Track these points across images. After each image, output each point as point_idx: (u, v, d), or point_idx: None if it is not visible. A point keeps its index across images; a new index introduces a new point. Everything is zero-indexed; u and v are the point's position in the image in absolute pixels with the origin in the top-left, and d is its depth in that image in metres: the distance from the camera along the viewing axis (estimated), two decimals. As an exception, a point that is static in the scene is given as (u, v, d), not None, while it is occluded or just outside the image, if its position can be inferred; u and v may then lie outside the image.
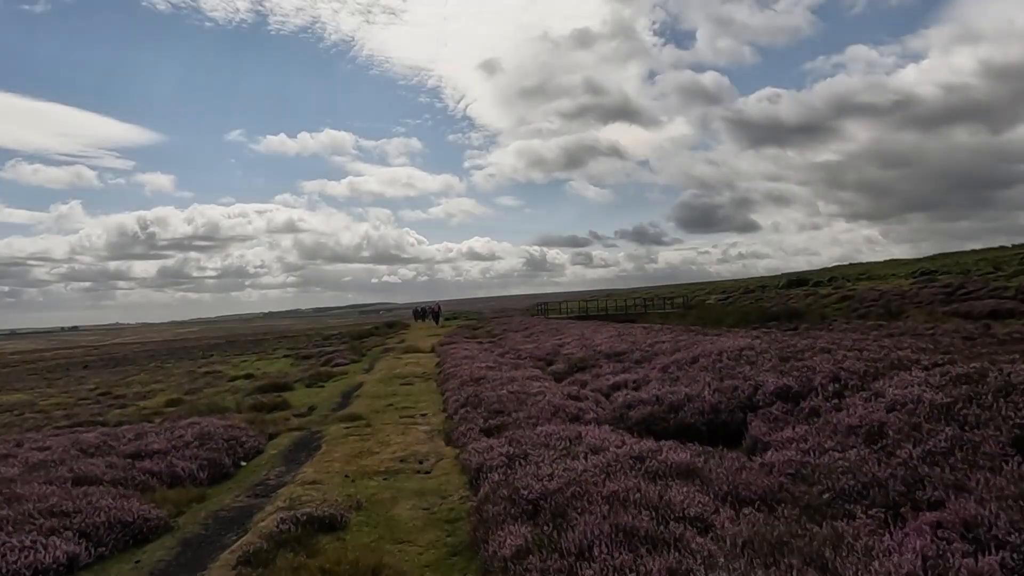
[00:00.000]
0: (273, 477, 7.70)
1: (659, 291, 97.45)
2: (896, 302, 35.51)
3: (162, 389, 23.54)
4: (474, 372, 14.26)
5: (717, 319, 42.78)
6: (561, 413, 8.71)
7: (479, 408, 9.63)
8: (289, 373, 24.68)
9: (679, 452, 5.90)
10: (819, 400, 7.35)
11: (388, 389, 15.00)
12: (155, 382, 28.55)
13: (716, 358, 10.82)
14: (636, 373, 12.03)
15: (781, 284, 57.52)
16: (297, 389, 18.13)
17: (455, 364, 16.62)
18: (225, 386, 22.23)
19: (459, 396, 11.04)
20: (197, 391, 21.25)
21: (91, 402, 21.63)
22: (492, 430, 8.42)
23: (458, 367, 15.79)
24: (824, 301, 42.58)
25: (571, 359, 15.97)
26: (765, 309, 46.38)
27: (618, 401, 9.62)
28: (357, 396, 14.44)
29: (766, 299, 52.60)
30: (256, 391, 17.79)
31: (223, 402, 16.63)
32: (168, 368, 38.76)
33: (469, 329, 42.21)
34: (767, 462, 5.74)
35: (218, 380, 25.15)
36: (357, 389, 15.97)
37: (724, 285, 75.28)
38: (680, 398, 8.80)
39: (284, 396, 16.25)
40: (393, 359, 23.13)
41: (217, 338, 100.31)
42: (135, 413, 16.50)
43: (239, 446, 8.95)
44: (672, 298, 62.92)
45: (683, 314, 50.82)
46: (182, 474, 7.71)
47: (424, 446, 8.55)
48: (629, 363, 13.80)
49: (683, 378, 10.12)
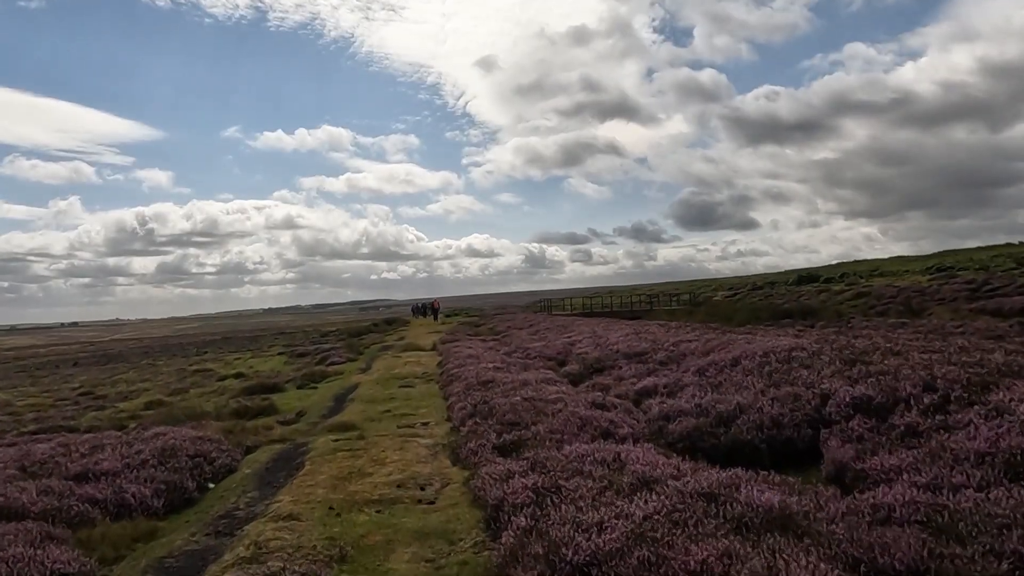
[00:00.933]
0: (243, 506, 6.31)
1: (661, 288, 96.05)
2: (916, 299, 34.10)
3: (147, 389, 22.18)
4: (480, 374, 12.88)
5: (727, 316, 41.39)
6: (589, 427, 7.32)
7: (490, 419, 8.24)
8: (281, 372, 23.33)
9: (761, 487, 4.51)
10: (914, 415, 5.95)
11: (386, 392, 13.61)
12: (143, 381, 27.20)
13: (762, 360, 9.42)
14: (664, 376, 10.65)
15: (791, 281, 56.10)
16: (287, 391, 16.74)
17: (459, 364, 15.22)
18: (213, 386, 20.87)
19: (466, 403, 9.65)
20: (182, 392, 19.88)
21: (70, 403, 20.27)
22: (508, 447, 7.03)
23: (463, 368, 14.40)
24: (838, 298, 41.17)
25: (586, 359, 14.58)
26: (776, 306, 44.99)
27: (652, 411, 8.24)
28: (351, 400, 13.05)
29: (776, 296, 51.20)
30: (243, 393, 16.41)
31: (204, 406, 15.25)
32: (159, 366, 37.42)
33: (471, 326, 40.82)
34: (880, 503, 4.34)
35: (207, 379, 23.79)
36: (352, 391, 14.59)
37: (730, 282, 73.84)
38: (730, 408, 7.42)
39: (272, 399, 14.87)
40: (392, 358, 21.73)
41: (214, 335, 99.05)
42: (109, 417, 15.13)
43: (207, 464, 7.56)
44: (678, 295, 61.49)
45: (690, 311, 49.41)
46: (132, 502, 6.33)
47: (426, 466, 7.16)
48: (653, 364, 12.42)
49: (726, 384, 8.73)
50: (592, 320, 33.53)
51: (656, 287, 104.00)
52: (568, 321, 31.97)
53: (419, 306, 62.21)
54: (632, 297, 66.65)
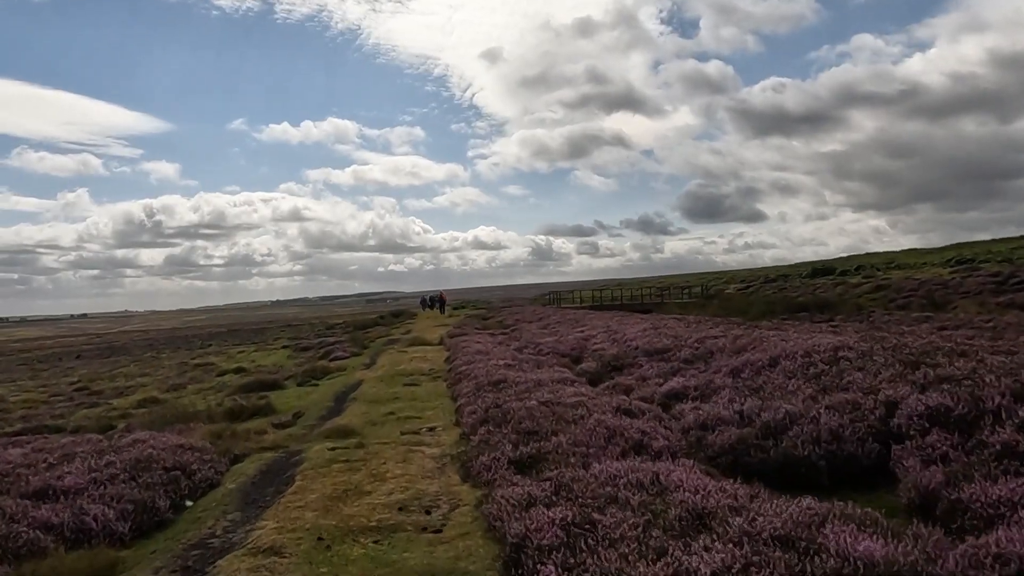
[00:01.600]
0: (220, 531, 5.45)
1: (670, 280, 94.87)
2: (939, 292, 33.01)
3: (144, 385, 21.46)
4: (491, 372, 12.00)
5: (741, 310, 40.39)
6: (618, 438, 6.42)
7: (504, 426, 7.36)
8: (284, 367, 22.57)
9: (851, 530, 3.60)
10: (1009, 432, 5.02)
11: (389, 391, 12.76)
12: (142, 375, 26.55)
13: (805, 360, 8.49)
14: (693, 377, 9.74)
15: (804, 273, 54.94)
16: (287, 388, 15.93)
17: (467, 361, 14.36)
18: (211, 382, 20.12)
19: (476, 406, 8.77)
20: (180, 388, 19.13)
21: (64, 399, 19.56)
22: (526, 463, 6.14)
23: (471, 365, 13.53)
24: (856, 291, 40.09)
25: (603, 357, 13.68)
26: (791, 299, 43.95)
27: (687, 419, 7.33)
28: (353, 399, 12.21)
29: (790, 289, 50.11)
30: (240, 390, 15.62)
31: (199, 404, 14.46)
32: (162, 359, 36.82)
33: (479, 319, 39.93)
34: (1005, 552, 3.43)
35: (207, 374, 23.07)
36: (354, 390, 13.75)
37: (742, 274, 72.69)
38: (778, 417, 6.50)
39: (269, 397, 14.06)
40: (397, 353, 20.90)
41: (221, 327, 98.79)
42: (99, 416, 14.37)
43: (186, 478, 6.71)
44: (688, 287, 60.45)
45: (703, 304, 48.41)
46: (93, 526, 5.48)
47: (433, 482, 6.29)
48: (677, 363, 11.51)
49: (767, 388, 7.81)
50: (604, 313, 32.60)
51: (665, 279, 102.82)
52: (579, 314, 31.06)
53: (427, 299, 61.49)
54: (642, 290, 65.64)
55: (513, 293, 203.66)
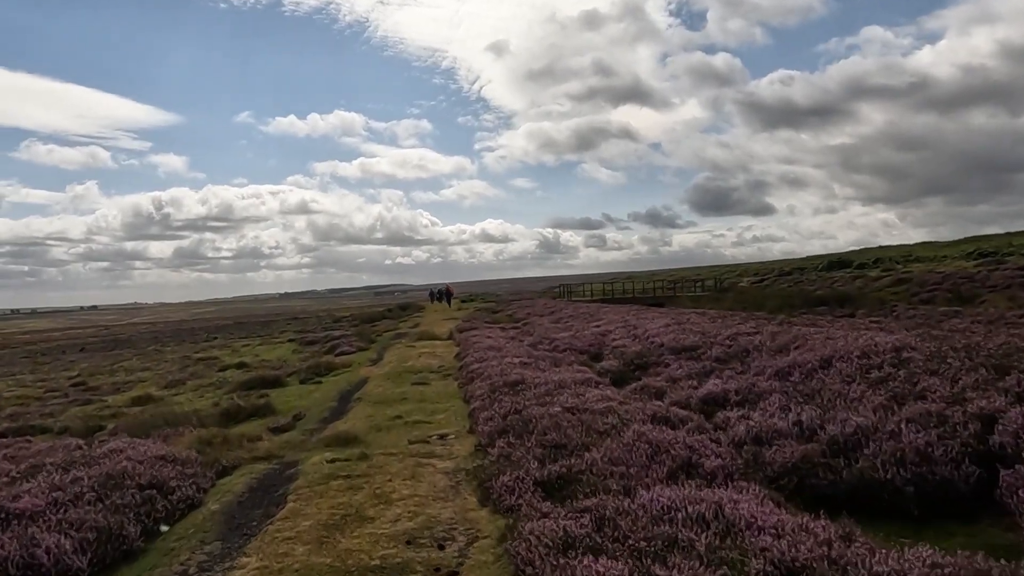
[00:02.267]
0: (195, 569, 4.59)
1: (679, 274, 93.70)
2: (965, 286, 31.86)
3: (142, 381, 20.73)
4: (506, 371, 11.12)
5: (757, 303, 39.38)
6: (663, 455, 5.51)
7: (527, 438, 6.46)
8: (287, 362, 21.79)
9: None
10: None
11: (397, 390, 11.90)
12: (143, 369, 25.85)
13: (862, 362, 7.55)
14: (732, 379, 8.81)
15: (820, 266, 53.73)
16: (288, 385, 15.10)
17: (480, 358, 13.47)
18: (212, 377, 19.35)
19: (493, 412, 7.88)
20: (178, 384, 18.36)
21: (59, 395, 18.83)
22: (555, 484, 5.25)
23: (484, 363, 12.65)
24: (876, 284, 38.94)
25: (625, 354, 12.76)
26: (808, 293, 42.90)
27: (735, 430, 6.40)
28: (357, 400, 11.36)
29: (806, 282, 48.98)
30: (239, 388, 14.80)
31: (195, 403, 13.68)
32: (165, 352, 36.16)
33: (488, 312, 39.09)
34: None
35: (209, 369, 22.31)
36: (359, 388, 12.91)
37: (754, 267, 71.44)
38: (847, 431, 5.57)
39: (269, 396, 13.23)
40: (405, 347, 20.04)
41: (228, 319, 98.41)
42: (90, 415, 13.60)
43: (163, 497, 5.85)
44: (701, 280, 59.33)
45: (717, 297, 47.34)
46: (45, 560, 4.63)
47: (446, 506, 5.41)
48: (709, 362, 10.58)
49: (825, 394, 6.87)
50: (617, 307, 31.62)
51: (676, 273, 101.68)
52: (592, 308, 30.13)
53: (437, 291, 60.90)
54: (653, 283, 64.56)
55: (521, 286, 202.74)
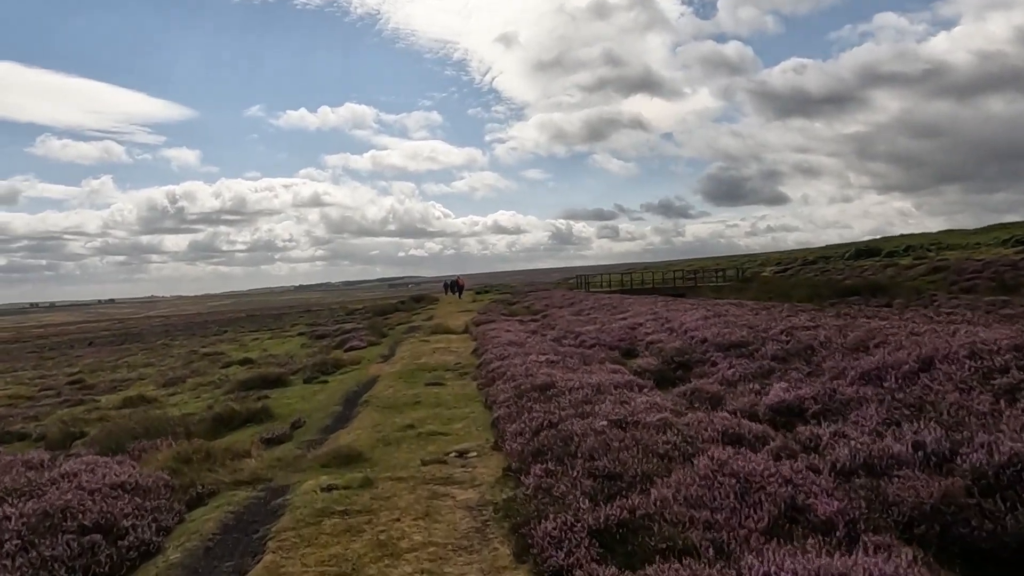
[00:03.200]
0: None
1: (698, 263, 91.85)
2: (1009, 273, 30.10)
3: (141, 378, 19.67)
4: (531, 370, 9.82)
5: (784, 293, 37.81)
6: (758, 494, 4.17)
7: (569, 462, 5.15)
8: (295, 357, 20.68)
9: None
10: None
11: (409, 392, 10.63)
12: (146, 365, 24.87)
13: (976, 364, 6.15)
14: (802, 383, 7.44)
15: (847, 255, 51.85)
16: (293, 384, 13.90)
17: (501, 355, 12.18)
18: (214, 374, 18.24)
19: (523, 425, 6.57)
20: (178, 382, 17.27)
21: (52, 394, 17.80)
22: (616, 536, 3.93)
23: (506, 361, 11.36)
24: (910, 273, 37.18)
25: (664, 351, 11.40)
26: (836, 282, 41.21)
27: (836, 455, 5.01)
28: (365, 403, 10.11)
29: (833, 271, 47.20)
30: (239, 387, 13.63)
31: (190, 404, 12.53)
32: (174, 347, 35.29)
33: (504, 304, 37.69)
34: None
35: (212, 365, 21.24)
36: (368, 388, 11.67)
37: (777, 256, 69.53)
38: (1001, 460, 4.21)
39: (270, 398, 12.05)
40: (418, 342, 18.79)
41: (241, 312, 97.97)
42: (75, 419, 12.49)
43: (111, 543, 4.60)
44: (722, 270, 57.63)
45: (740, 287, 45.72)
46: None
47: (472, 562, 4.12)
48: (765, 361, 9.20)
49: (940, 405, 5.49)
50: (641, 298, 30.20)
51: (693, 263, 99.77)
52: (614, 299, 28.72)
53: (451, 283, 59.96)
54: (672, 273, 62.94)
55: (534, 277, 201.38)
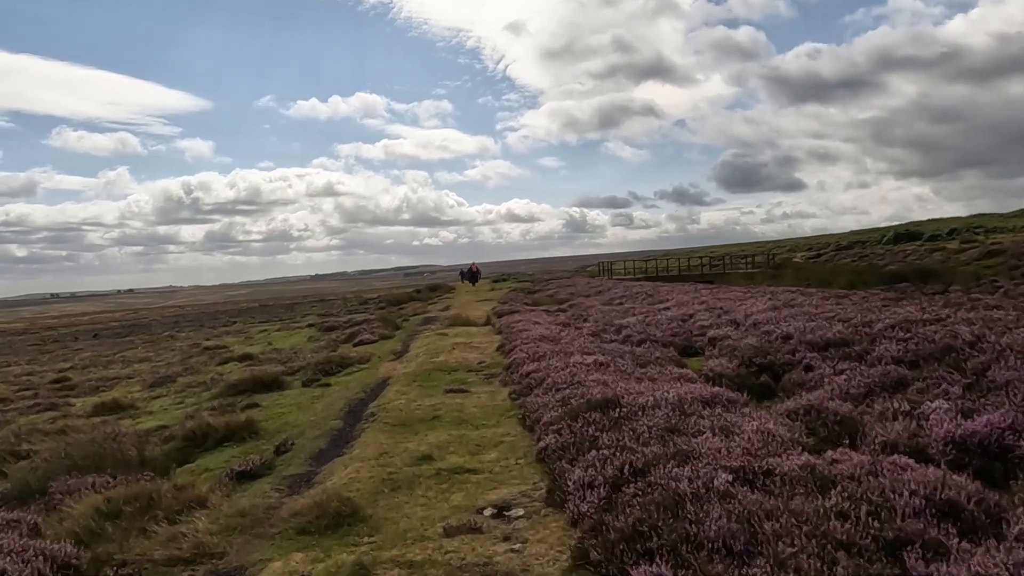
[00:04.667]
0: None
1: (722, 250, 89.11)
2: (1079, 257, 27.50)
3: (130, 377, 17.85)
4: (578, 375, 7.78)
5: (823, 280, 35.34)
6: None
7: (697, 558, 3.07)
8: (301, 351, 18.81)
9: None
10: None
11: (425, 403, 8.61)
12: (142, 360, 23.13)
13: None
14: (975, 403, 5.31)
15: (886, 239, 49.10)
16: (290, 388, 11.94)
17: (534, 354, 10.11)
18: (208, 372, 16.39)
19: (591, 472, 4.50)
20: (168, 382, 15.44)
21: (29, 395, 16.01)
22: None
23: (542, 362, 9.30)
24: (961, 257, 34.57)
25: (736, 349, 9.23)
26: (879, 268, 38.66)
27: None
28: (371, 417, 8.11)
29: (872, 256, 44.57)
30: (227, 392, 11.70)
31: (168, 413, 10.62)
32: (178, 339, 33.62)
33: (525, 293, 35.54)
34: None
35: (210, 361, 19.40)
36: (376, 395, 9.68)
37: (807, 242, 66.70)
38: None
39: (260, 407, 10.10)
40: (435, 336, 16.77)
41: (255, 302, 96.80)
42: (31, 432, 10.60)
43: None
44: (751, 256, 55.07)
45: (773, 274, 43.22)
46: None
47: None
48: (887, 367, 7.04)
49: None
50: (675, 286, 27.94)
51: (715, 249, 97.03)
52: (647, 287, 26.53)
53: (465, 270, 58.08)
54: (698, 259, 60.43)
55: (549, 266, 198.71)
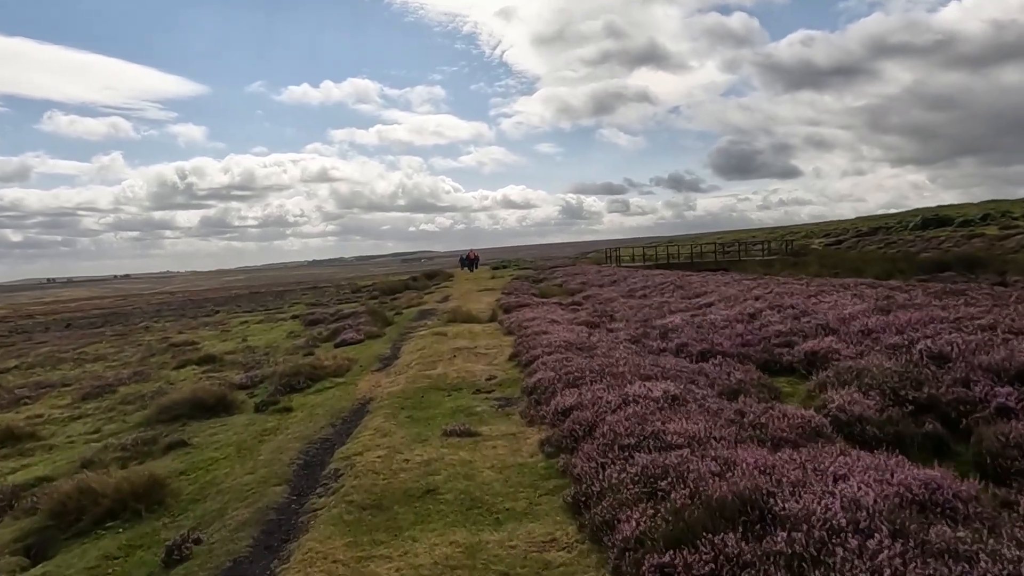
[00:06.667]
0: None
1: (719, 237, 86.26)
2: None
3: (68, 384, 15.01)
4: (650, 421, 5.00)
5: (855, 269, 32.46)
6: None
7: None
8: (275, 350, 16.10)
9: None
10: None
11: (416, 456, 5.78)
12: (97, 359, 20.28)
13: None
14: None
15: (913, 225, 46.24)
16: (240, 412, 9.11)
17: (564, 370, 7.28)
18: (161, 377, 13.58)
19: None
20: (103, 393, 12.63)
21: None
22: None
23: (582, 388, 6.48)
24: (1008, 245, 31.75)
25: (867, 374, 6.40)
26: (914, 255, 35.80)
27: None
28: (332, 486, 5.29)
29: (900, 242, 41.74)
30: (156, 419, 8.85)
31: (59, 454, 7.78)
32: (151, 331, 30.73)
33: (529, 282, 32.50)
34: None
35: (170, 362, 16.53)
36: (348, 433, 6.87)
37: (823, 228, 63.83)
38: None
39: (189, 445, 7.28)
40: (431, 336, 13.91)
41: (246, 289, 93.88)
42: None
43: None
44: (766, 243, 52.18)
45: (794, 262, 40.41)
46: None
47: None
48: None
49: None
50: (704, 276, 25.06)
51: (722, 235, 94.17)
52: (671, 276, 23.62)
53: (464, 257, 55.26)
54: (713, 245, 57.55)
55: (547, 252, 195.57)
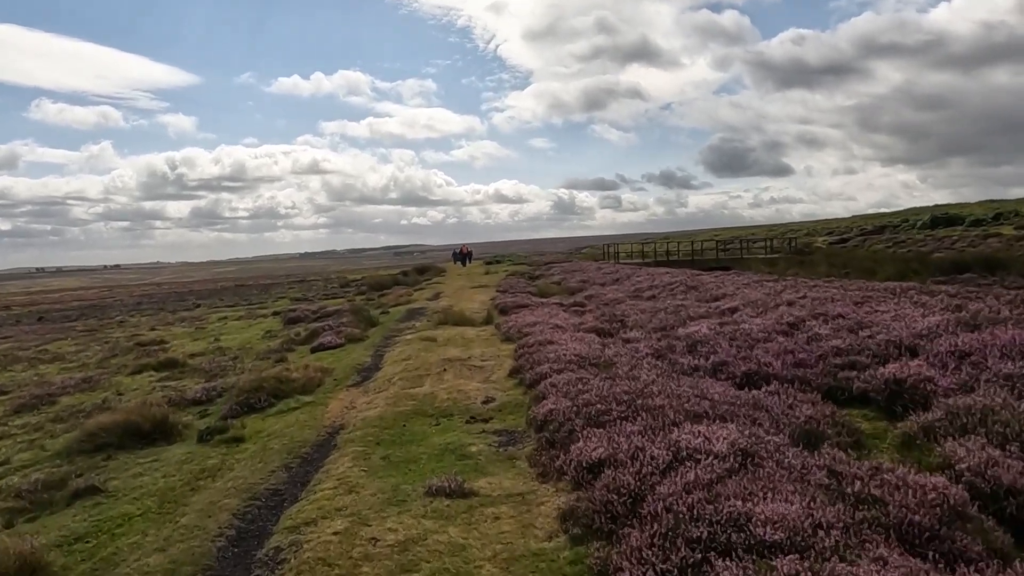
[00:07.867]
0: None
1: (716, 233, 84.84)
2: None
3: (10, 391, 13.28)
4: (717, 491, 3.36)
5: (867, 269, 30.91)
6: None
7: None
8: (247, 352, 14.48)
9: None
10: None
11: (388, 535, 4.15)
12: (54, 359, 18.54)
13: None
14: None
15: (922, 223, 44.86)
16: (180, 440, 7.44)
17: (583, 399, 5.65)
18: (112, 384, 11.93)
19: None
20: (44, 403, 10.99)
21: None
22: None
23: (612, 428, 4.86)
24: (1026, 245, 30.32)
25: (996, 419, 4.80)
26: (926, 255, 34.32)
27: None
28: None
29: (909, 242, 40.32)
30: (79, 447, 7.18)
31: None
32: (127, 324, 28.96)
33: (525, 279, 30.78)
34: None
35: (129, 365, 14.82)
36: (304, 483, 5.22)
37: (825, 225, 62.48)
38: None
39: (102, 492, 5.64)
40: (420, 343, 12.24)
41: (233, 281, 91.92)
42: None
43: None
44: (768, 240, 50.71)
45: (800, 261, 38.90)
46: None
47: None
48: None
49: None
50: (719, 276, 23.43)
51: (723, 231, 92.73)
52: (680, 275, 21.98)
53: (457, 251, 53.74)
54: (714, 242, 56.04)
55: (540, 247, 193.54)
